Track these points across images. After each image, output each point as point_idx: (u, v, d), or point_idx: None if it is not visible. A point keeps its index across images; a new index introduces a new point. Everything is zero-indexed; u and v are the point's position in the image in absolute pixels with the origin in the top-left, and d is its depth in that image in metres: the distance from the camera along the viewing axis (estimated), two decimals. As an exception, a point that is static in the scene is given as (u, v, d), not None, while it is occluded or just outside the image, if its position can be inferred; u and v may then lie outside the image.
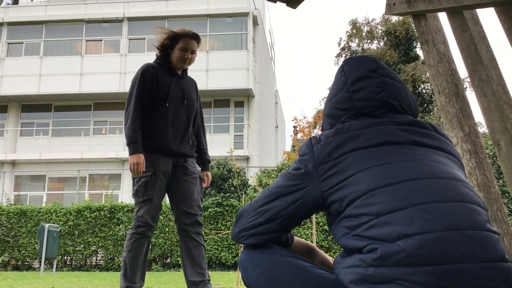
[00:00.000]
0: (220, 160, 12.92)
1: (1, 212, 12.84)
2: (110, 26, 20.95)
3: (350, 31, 28.70)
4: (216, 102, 20.36)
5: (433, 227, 1.10)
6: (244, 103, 20.47)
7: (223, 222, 12.03)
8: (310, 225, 11.41)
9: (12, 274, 10.06)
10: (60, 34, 20.99)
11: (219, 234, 11.51)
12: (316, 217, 10.92)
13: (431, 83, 3.02)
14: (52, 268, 11.13)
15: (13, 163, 19.92)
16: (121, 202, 13.23)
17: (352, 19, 28.87)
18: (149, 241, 3.14)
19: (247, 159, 19.27)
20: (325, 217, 1.47)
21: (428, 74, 3.03)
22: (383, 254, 1.10)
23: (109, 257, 12.47)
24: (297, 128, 32.06)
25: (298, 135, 32.24)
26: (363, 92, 1.39)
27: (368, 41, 28.64)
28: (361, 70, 1.43)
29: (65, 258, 12.76)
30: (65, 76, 19.93)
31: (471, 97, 12.63)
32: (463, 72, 25.81)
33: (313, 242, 6.35)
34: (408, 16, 4.38)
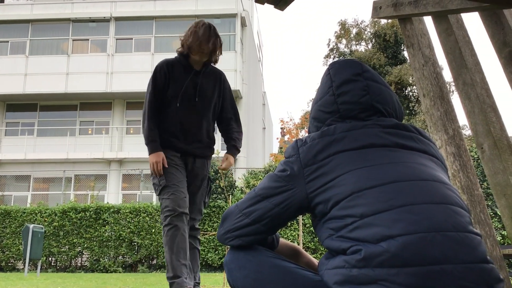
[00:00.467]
0: (207, 161, 12.87)
1: (-15, 213, 12.68)
2: (97, 26, 20.77)
3: (339, 32, 28.80)
4: (204, 103, 20.25)
5: (416, 229, 1.12)
6: (232, 105, 20.39)
7: (210, 223, 12.01)
8: (297, 227, 11.43)
9: (-4, 276, 9.94)
10: (46, 33, 20.76)
11: (206, 235, 11.48)
12: (303, 219, 10.95)
13: (416, 86, 3.05)
14: (37, 269, 11.00)
15: (-2, 163, 19.68)
16: (107, 203, 13.14)
17: (341, 20, 28.94)
18: (185, 233, 2.89)
19: (234, 160, 19.23)
20: (310, 219, 1.48)
21: (414, 77, 3.06)
22: (367, 255, 1.11)
23: (95, 259, 12.36)
24: (284, 130, 32.16)
25: (285, 137, 32.32)
26: (348, 96, 1.40)
27: (356, 43, 28.77)
28: (346, 74, 1.44)
29: (50, 259, 12.64)
30: (51, 76, 19.71)
31: (455, 100, 12.77)
32: (448, 76, 26.05)
33: (300, 244, 6.36)
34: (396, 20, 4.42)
